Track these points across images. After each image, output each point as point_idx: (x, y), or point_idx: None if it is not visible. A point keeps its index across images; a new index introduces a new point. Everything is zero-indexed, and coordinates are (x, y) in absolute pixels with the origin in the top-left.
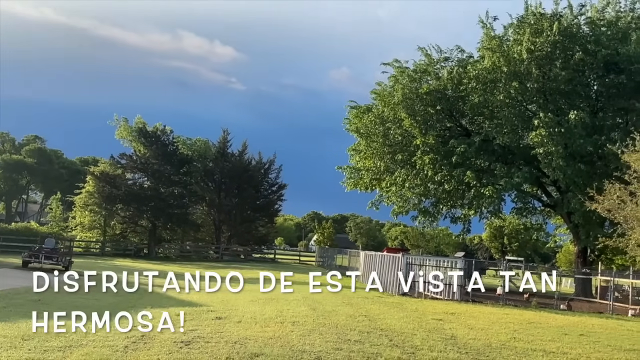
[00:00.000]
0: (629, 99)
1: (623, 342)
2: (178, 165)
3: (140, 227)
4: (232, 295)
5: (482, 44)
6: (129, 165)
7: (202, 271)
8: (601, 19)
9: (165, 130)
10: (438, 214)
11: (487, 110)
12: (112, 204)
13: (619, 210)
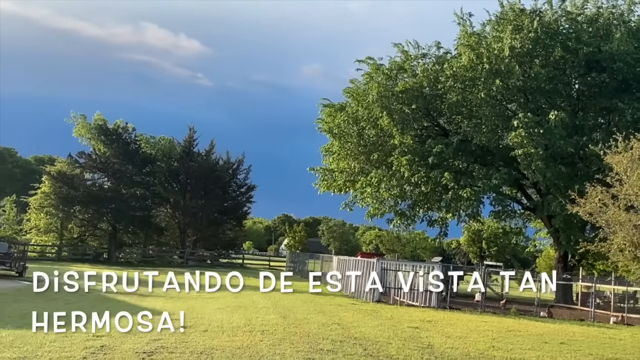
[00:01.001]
0: (611, 99)
1: (605, 351)
2: (140, 165)
3: (99, 231)
4: (198, 302)
5: (459, 40)
6: (88, 165)
7: (164, 277)
8: (581, 15)
9: (127, 128)
10: (414, 217)
11: (465, 109)
12: (69, 206)
13: (601, 213)
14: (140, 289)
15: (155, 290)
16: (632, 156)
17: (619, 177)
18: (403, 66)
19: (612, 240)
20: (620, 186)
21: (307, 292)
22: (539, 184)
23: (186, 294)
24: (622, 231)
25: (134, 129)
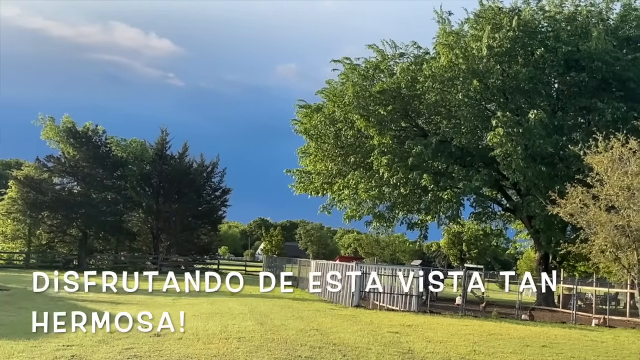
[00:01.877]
0: (590, 98)
1: (587, 354)
2: (111, 169)
3: (69, 237)
4: (173, 309)
5: (438, 39)
6: (57, 169)
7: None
8: (560, 13)
9: (97, 130)
10: (393, 219)
11: (444, 110)
12: (37, 212)
13: (582, 214)
14: (113, 296)
15: (129, 297)
16: (612, 156)
17: (600, 178)
18: (380, 66)
19: (593, 241)
20: (601, 186)
21: (284, 298)
22: (519, 185)
23: (162, 300)
24: (603, 232)
25: (104, 132)
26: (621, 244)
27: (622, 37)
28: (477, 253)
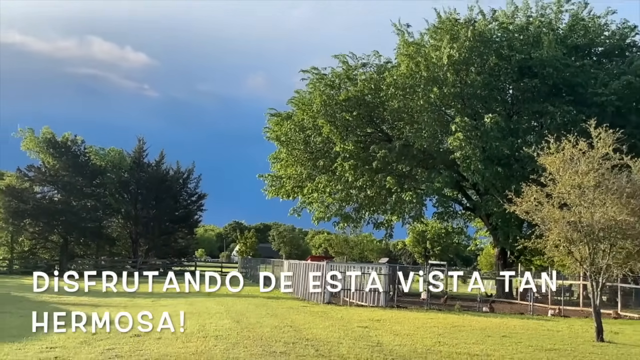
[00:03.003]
0: (542, 102)
1: (544, 342)
2: (90, 177)
3: (51, 243)
4: (151, 310)
5: (399, 50)
6: (38, 178)
7: (117, 286)
8: (512, 23)
9: (76, 140)
10: (360, 220)
11: (406, 116)
12: (19, 220)
13: (536, 211)
14: (93, 299)
15: (109, 300)
16: (563, 157)
17: (552, 177)
18: (346, 75)
19: (547, 236)
20: (554, 185)
21: (259, 297)
22: (477, 185)
23: (141, 301)
24: (557, 228)
25: (83, 141)
26: (573, 239)
27: (571, 46)
28: (440, 250)
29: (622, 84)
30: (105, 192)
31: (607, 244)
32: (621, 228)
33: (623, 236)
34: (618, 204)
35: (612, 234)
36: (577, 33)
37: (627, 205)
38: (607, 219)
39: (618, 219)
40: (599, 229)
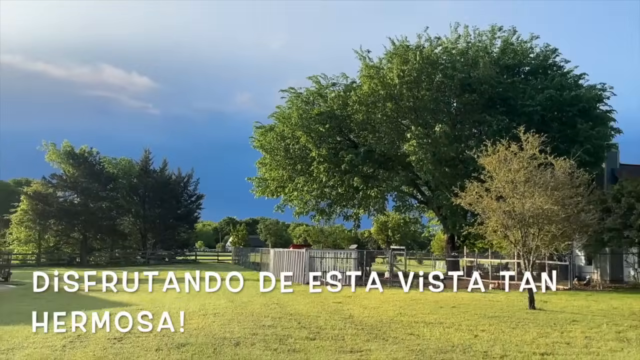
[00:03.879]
0: (481, 113)
1: (486, 311)
2: (105, 183)
3: (72, 239)
4: (160, 293)
5: (361, 72)
6: (60, 185)
7: (129, 274)
8: (455, 48)
9: (92, 152)
10: (332, 213)
11: (369, 126)
12: (45, 220)
13: (478, 203)
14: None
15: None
16: (499, 157)
17: (490, 175)
18: (318, 93)
19: (487, 223)
20: (492, 181)
21: (250, 279)
22: (429, 182)
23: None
24: (495, 216)
25: (98, 153)
26: (508, 225)
27: (503, 66)
28: (400, 237)
29: (545, 97)
30: (117, 195)
31: (536, 228)
32: (547, 215)
33: (549, 222)
34: (544, 196)
35: (540, 220)
36: (507, 55)
37: (552, 196)
38: (535, 208)
39: (544, 207)
40: (529, 216)
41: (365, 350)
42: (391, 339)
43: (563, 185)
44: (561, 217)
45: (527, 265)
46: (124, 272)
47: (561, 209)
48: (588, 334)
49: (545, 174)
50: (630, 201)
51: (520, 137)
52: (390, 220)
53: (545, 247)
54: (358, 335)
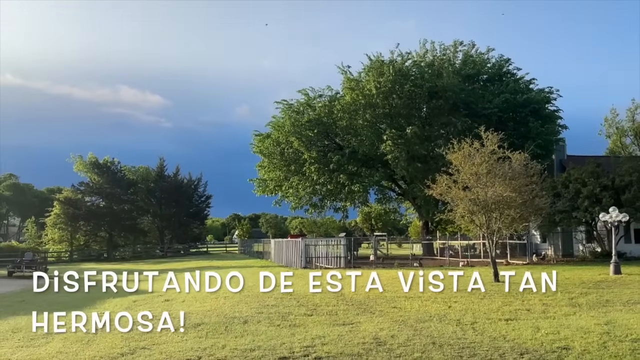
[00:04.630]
0: (447, 116)
1: (458, 285)
2: (126, 188)
3: (99, 237)
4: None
5: (344, 84)
6: (87, 191)
7: (151, 266)
8: (423, 61)
9: (114, 162)
10: (324, 207)
11: (352, 130)
12: (75, 222)
13: (447, 193)
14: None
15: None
16: (464, 153)
17: (457, 168)
18: (307, 104)
19: (455, 210)
20: (458, 174)
21: (254, 267)
22: (405, 177)
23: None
24: (462, 204)
25: (119, 162)
26: (474, 211)
27: (465, 75)
28: (382, 225)
29: (501, 100)
30: (137, 198)
31: (498, 213)
32: (506, 201)
33: (508, 207)
34: (503, 185)
35: (501, 206)
36: (468, 66)
37: (510, 185)
38: (497, 196)
39: (504, 195)
40: (491, 202)
41: (356, 322)
42: (377, 312)
43: (519, 175)
44: (518, 202)
45: (491, 245)
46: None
47: (518, 195)
48: (545, 301)
49: (503, 166)
50: (577, 187)
51: (481, 136)
52: (373, 210)
53: (506, 229)
54: (349, 310)
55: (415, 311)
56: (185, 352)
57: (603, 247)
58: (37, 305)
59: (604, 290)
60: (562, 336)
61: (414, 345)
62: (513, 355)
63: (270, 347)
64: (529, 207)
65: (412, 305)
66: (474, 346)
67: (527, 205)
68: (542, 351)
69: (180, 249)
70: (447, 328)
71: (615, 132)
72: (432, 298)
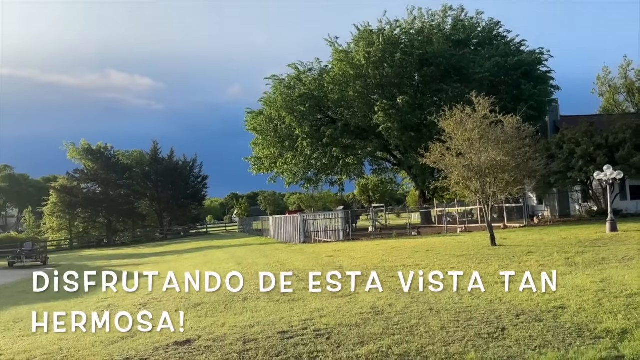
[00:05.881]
0: (439, 83)
1: (455, 251)
2: (121, 173)
3: (98, 224)
4: (176, 263)
5: (333, 56)
6: (82, 178)
7: (152, 249)
8: (412, 28)
9: (107, 147)
10: (319, 181)
11: (344, 103)
12: (73, 209)
13: (441, 161)
14: (134, 260)
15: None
16: (456, 120)
17: (450, 135)
18: (297, 78)
19: (450, 178)
20: (452, 141)
21: (254, 244)
22: (399, 147)
23: (170, 257)
24: (456, 170)
25: (112, 147)
26: (468, 177)
27: (455, 41)
28: (379, 196)
29: (492, 64)
30: (133, 182)
31: (492, 177)
32: (500, 165)
33: (502, 171)
34: (496, 149)
35: (494, 170)
36: (458, 31)
37: (503, 149)
38: (490, 160)
39: (497, 159)
40: (485, 167)
41: (354, 294)
42: (376, 283)
43: (512, 139)
44: (512, 166)
45: (486, 210)
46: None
47: (512, 159)
48: (542, 262)
49: (496, 131)
50: (571, 147)
51: (473, 101)
52: (370, 182)
53: (500, 193)
54: (348, 282)
55: (413, 279)
56: (186, 332)
57: (599, 206)
58: (39, 296)
59: (600, 248)
60: (558, 295)
61: (411, 312)
62: (509, 317)
63: (269, 322)
64: (523, 170)
65: (409, 274)
66: (470, 310)
67: (520, 169)
68: (538, 311)
69: (180, 230)
70: (446, 294)
71: (608, 90)
72: (430, 265)
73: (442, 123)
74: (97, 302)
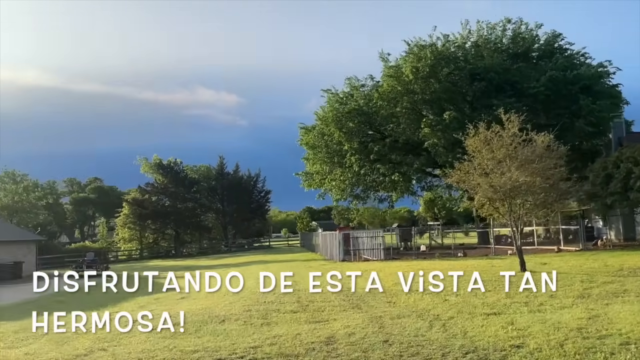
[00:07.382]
0: (490, 99)
1: (482, 274)
2: (189, 186)
3: (167, 235)
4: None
5: (383, 72)
6: (152, 191)
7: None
8: (466, 43)
9: (177, 162)
10: (367, 198)
11: (394, 119)
12: (143, 221)
13: (465, 181)
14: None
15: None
16: (480, 138)
17: (474, 155)
18: (350, 94)
19: (476, 198)
20: (478, 159)
21: (299, 260)
22: (446, 164)
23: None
24: (480, 191)
25: (182, 162)
26: (493, 198)
27: (513, 54)
28: (445, 213)
29: (547, 78)
30: (200, 196)
31: (520, 199)
32: (527, 187)
33: (529, 193)
34: (520, 169)
35: (520, 192)
36: (517, 44)
37: (528, 169)
38: (513, 181)
39: (520, 180)
40: (508, 189)
41: (331, 320)
42: (365, 307)
43: (542, 158)
44: (538, 187)
45: (516, 233)
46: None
47: (542, 180)
48: (553, 294)
49: (524, 150)
50: (629, 166)
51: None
52: (436, 198)
53: (526, 216)
54: (339, 306)
55: (405, 306)
56: (137, 353)
57: None
58: (76, 305)
59: (633, 278)
60: (527, 332)
61: (363, 343)
62: (457, 354)
63: (216, 348)
64: (553, 192)
65: (407, 298)
66: (424, 344)
67: (551, 190)
68: (490, 349)
69: (244, 243)
70: (417, 324)
71: None
72: (436, 291)
73: (467, 141)
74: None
